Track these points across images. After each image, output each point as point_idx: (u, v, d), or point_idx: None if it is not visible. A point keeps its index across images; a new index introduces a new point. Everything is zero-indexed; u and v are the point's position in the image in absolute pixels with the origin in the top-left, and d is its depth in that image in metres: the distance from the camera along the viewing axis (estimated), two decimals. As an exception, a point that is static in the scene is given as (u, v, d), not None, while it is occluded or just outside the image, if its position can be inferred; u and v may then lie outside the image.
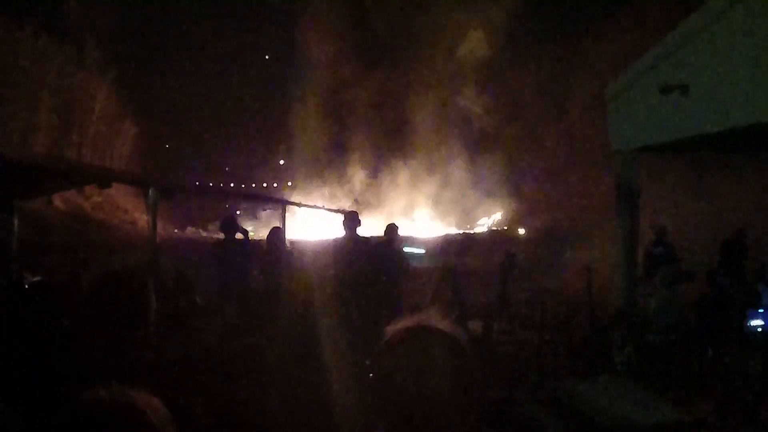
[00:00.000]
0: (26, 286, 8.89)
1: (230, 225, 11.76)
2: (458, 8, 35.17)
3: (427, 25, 35.94)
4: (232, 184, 44.87)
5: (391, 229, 11.99)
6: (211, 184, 41.63)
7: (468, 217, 36.00)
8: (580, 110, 29.81)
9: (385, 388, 1.77)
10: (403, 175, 36.83)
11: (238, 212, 13.11)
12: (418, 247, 24.06)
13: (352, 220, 11.40)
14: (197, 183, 38.10)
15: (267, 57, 45.10)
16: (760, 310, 7.54)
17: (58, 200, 29.03)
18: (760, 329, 7.35)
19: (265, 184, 44.75)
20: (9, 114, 29.62)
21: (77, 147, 33.97)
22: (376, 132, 38.23)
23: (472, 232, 33.44)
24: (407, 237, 24.35)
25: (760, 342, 7.60)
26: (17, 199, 10.99)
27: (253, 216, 33.98)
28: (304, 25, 37.75)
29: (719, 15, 7.81)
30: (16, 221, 10.94)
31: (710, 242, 14.62)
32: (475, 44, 35.07)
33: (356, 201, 37.54)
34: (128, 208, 34.35)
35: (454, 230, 33.92)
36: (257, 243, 14.31)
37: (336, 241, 11.86)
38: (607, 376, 8.41)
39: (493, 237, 30.00)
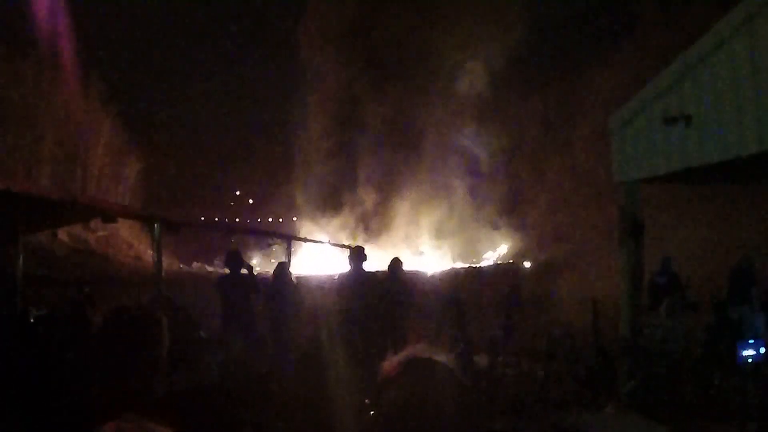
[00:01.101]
0: (31, 320, 8.89)
1: (235, 260, 11.69)
2: (463, 41, 35.40)
3: (432, 59, 36.17)
4: (237, 219, 44.86)
5: (396, 263, 11.94)
6: (216, 219, 41.66)
7: (474, 250, 36.00)
8: (584, 142, 29.88)
9: (385, 423, 1.76)
10: (408, 208, 36.84)
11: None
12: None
13: (358, 255, 11.34)
14: (202, 218, 38.15)
15: (272, 90, 45.37)
16: (750, 341, 7.50)
17: (63, 234, 29.07)
18: (750, 359, 7.31)
19: (270, 219, 44.75)
20: (13, 147, 29.77)
21: (81, 180, 34.07)
22: (382, 165, 38.30)
23: (478, 265, 33.43)
24: (413, 271, 24.34)
25: (752, 372, 7.56)
26: (22, 233, 10.99)
27: (259, 250, 33.95)
28: (310, 57, 38.02)
29: (721, 45, 7.85)
30: (21, 255, 10.93)
31: (715, 272, 14.56)
32: (478, 77, 35.23)
33: (365, 228, 37.62)
34: (133, 243, 34.42)
35: (460, 264, 33.90)
36: (263, 278, 14.25)
37: (342, 276, 11.81)
38: (613, 407, 8.36)
39: (499, 271, 29.99)
